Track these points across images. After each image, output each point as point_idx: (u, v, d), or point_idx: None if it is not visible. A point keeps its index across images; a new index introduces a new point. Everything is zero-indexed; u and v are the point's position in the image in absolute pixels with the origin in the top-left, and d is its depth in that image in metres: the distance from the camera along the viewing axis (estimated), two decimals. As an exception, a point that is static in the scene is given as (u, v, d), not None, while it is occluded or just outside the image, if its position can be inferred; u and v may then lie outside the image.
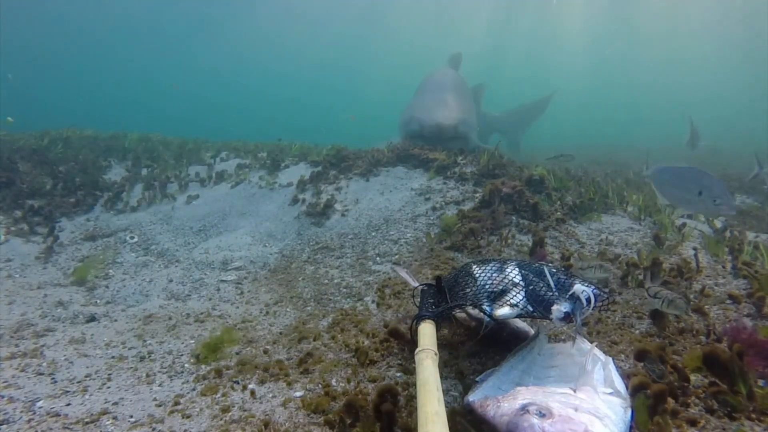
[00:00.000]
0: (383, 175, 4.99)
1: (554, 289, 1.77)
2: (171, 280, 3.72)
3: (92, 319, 3.15)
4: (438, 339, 1.78)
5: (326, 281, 3.44)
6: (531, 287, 1.83)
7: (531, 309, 1.76)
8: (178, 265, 4.03)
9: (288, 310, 3.06)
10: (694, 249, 3.33)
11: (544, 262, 2.19)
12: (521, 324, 2.18)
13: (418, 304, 2.20)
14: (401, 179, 4.83)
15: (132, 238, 4.68)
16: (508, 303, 1.80)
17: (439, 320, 1.93)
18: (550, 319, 1.68)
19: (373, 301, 2.96)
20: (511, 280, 1.90)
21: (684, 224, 4.03)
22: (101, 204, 5.31)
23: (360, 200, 4.58)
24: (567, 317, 1.65)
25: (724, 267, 3.27)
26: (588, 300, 1.67)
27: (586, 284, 1.75)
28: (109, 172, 6.32)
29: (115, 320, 3.11)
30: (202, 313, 3.09)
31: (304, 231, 4.35)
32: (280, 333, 2.67)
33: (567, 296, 1.70)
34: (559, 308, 1.66)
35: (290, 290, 3.37)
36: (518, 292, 1.81)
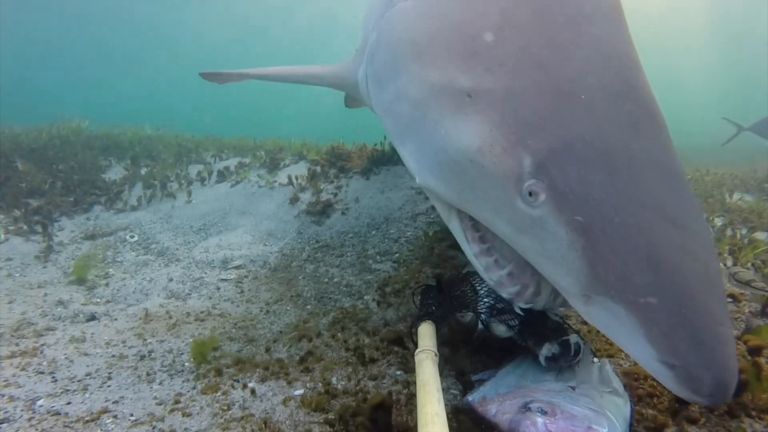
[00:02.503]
0: (383, 173, 4.99)
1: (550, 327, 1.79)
2: (171, 279, 3.72)
3: (92, 318, 3.15)
4: (437, 338, 1.79)
5: (326, 280, 3.44)
6: (529, 317, 1.85)
7: (523, 338, 1.82)
8: (179, 264, 4.03)
9: (288, 308, 3.06)
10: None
11: None
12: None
13: (417, 305, 2.20)
14: (401, 177, 4.82)
15: (132, 237, 4.68)
16: (506, 322, 1.84)
17: (440, 321, 1.94)
18: (537, 355, 1.73)
19: (373, 300, 2.96)
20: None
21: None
22: (101, 203, 5.31)
23: (360, 199, 4.58)
24: (554, 359, 1.69)
25: (725, 265, 3.27)
26: (576, 351, 1.70)
27: (580, 335, 1.77)
28: (109, 171, 6.32)
29: (116, 319, 3.11)
30: (202, 312, 3.09)
31: (304, 230, 4.35)
32: (281, 332, 2.67)
33: (560, 339, 1.72)
34: (550, 348, 1.69)
35: (290, 289, 3.37)
36: (516, 316, 1.84)
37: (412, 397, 1.77)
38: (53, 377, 2.23)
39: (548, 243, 1.34)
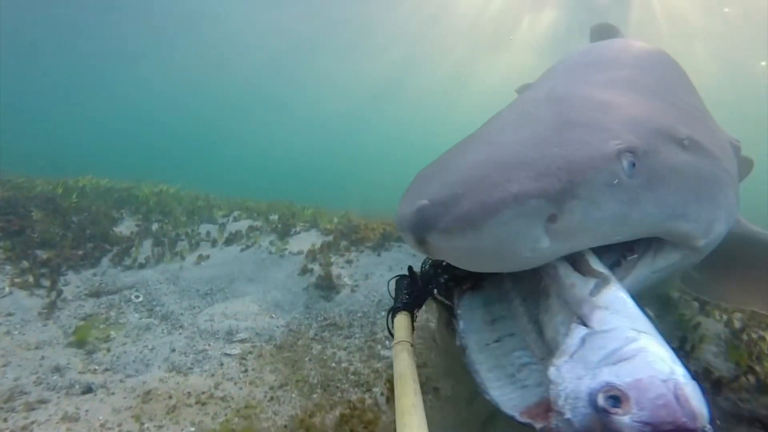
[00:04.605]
0: (395, 250, 4.98)
1: None
2: (174, 350, 3.61)
3: (88, 390, 3.03)
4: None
5: (333, 364, 3.33)
6: None
7: None
8: (182, 332, 3.93)
9: (293, 396, 2.94)
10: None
11: None
12: None
13: (393, 296, 2.17)
14: (414, 255, 4.81)
15: (137, 297, 4.61)
16: None
17: (415, 310, 2.00)
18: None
19: (382, 394, 2.85)
20: None
21: (698, 324, 3.94)
22: (109, 258, 5.28)
23: (370, 276, 4.54)
24: None
25: (747, 378, 3.15)
26: None
27: None
28: (121, 225, 6.34)
29: (113, 393, 2.99)
30: (203, 393, 2.96)
31: (312, 304, 4.27)
32: (285, 426, 2.55)
33: None
34: None
35: (296, 372, 3.26)
36: None
37: None
38: (43, 466, 2.11)
39: None
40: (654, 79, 2.36)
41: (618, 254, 1.74)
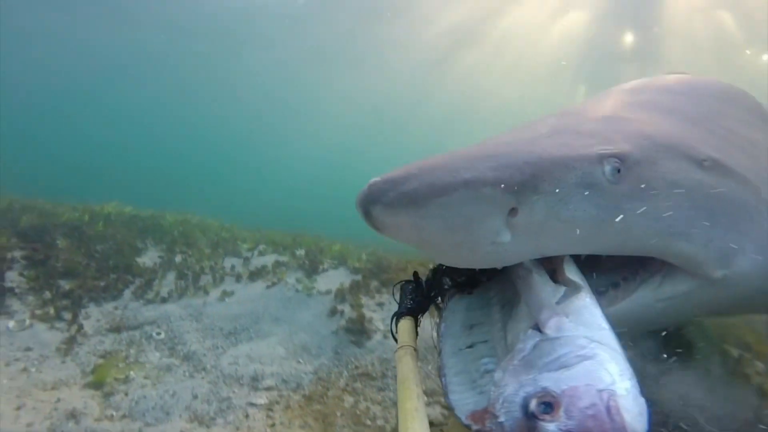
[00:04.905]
0: (428, 292, 4.73)
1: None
2: (196, 396, 3.38)
3: (105, 441, 2.80)
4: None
5: (368, 421, 3.06)
6: None
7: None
8: (205, 376, 3.70)
9: (327, 459, 2.67)
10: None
11: None
12: None
13: (398, 301, 2.10)
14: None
15: (158, 333, 4.41)
16: None
17: (419, 315, 1.95)
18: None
19: (426, 463, 2.55)
20: None
21: None
22: (131, 291, 5.12)
23: (403, 320, 4.29)
24: None
25: None
26: None
27: None
28: (144, 255, 6.23)
29: (130, 446, 2.76)
30: (228, 451, 2.71)
31: (342, 350, 4.02)
32: (322, 499, 2.28)
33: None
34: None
35: (327, 429, 2.99)
36: None
37: None
38: None
39: None
40: (697, 106, 2.24)
41: (620, 276, 1.69)
